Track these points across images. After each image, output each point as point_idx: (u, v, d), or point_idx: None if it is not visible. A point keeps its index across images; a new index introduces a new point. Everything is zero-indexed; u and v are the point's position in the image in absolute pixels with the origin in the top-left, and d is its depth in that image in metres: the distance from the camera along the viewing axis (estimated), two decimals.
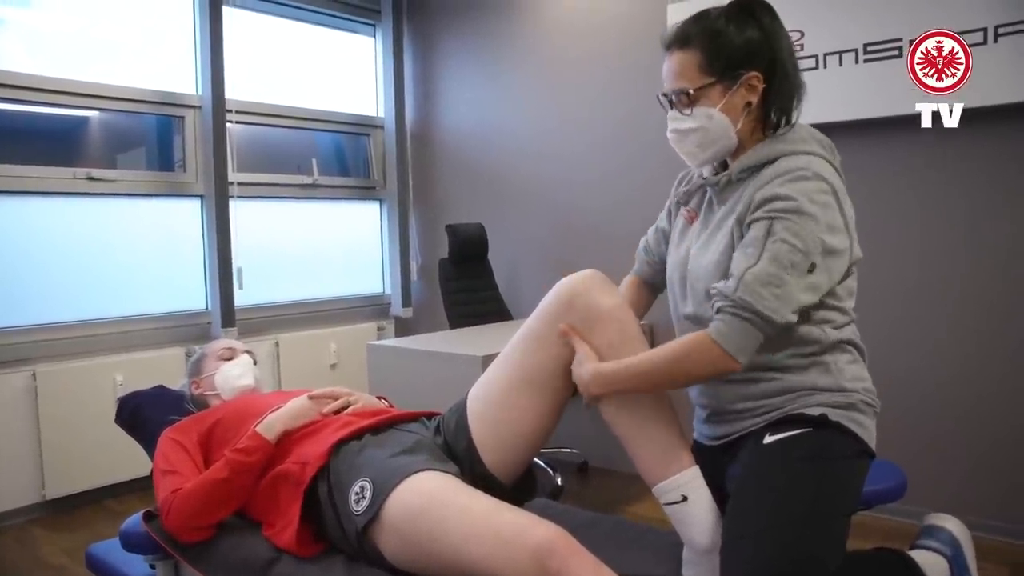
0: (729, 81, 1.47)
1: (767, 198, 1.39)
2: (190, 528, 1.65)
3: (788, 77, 1.48)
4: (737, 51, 1.46)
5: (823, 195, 1.38)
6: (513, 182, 4.25)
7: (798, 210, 1.35)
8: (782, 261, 1.34)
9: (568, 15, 3.96)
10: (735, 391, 1.50)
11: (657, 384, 1.48)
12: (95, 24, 3.70)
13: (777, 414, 1.46)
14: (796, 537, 1.31)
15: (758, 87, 1.47)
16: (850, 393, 1.45)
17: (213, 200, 3.83)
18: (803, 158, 1.43)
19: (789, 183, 1.39)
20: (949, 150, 2.84)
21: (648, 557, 1.62)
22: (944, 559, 1.47)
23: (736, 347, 1.35)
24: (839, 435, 1.42)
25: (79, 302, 3.54)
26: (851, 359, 1.49)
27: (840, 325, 1.47)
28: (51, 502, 3.32)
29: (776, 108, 1.50)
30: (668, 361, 1.42)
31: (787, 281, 1.33)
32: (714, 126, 1.48)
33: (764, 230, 1.37)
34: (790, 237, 1.34)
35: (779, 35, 1.49)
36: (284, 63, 4.48)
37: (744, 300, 1.33)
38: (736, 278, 1.35)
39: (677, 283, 1.61)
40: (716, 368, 1.38)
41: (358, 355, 4.02)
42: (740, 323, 1.34)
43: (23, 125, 3.56)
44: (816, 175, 1.39)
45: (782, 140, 1.48)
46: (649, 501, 3.24)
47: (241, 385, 2.10)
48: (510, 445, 1.63)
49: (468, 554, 1.35)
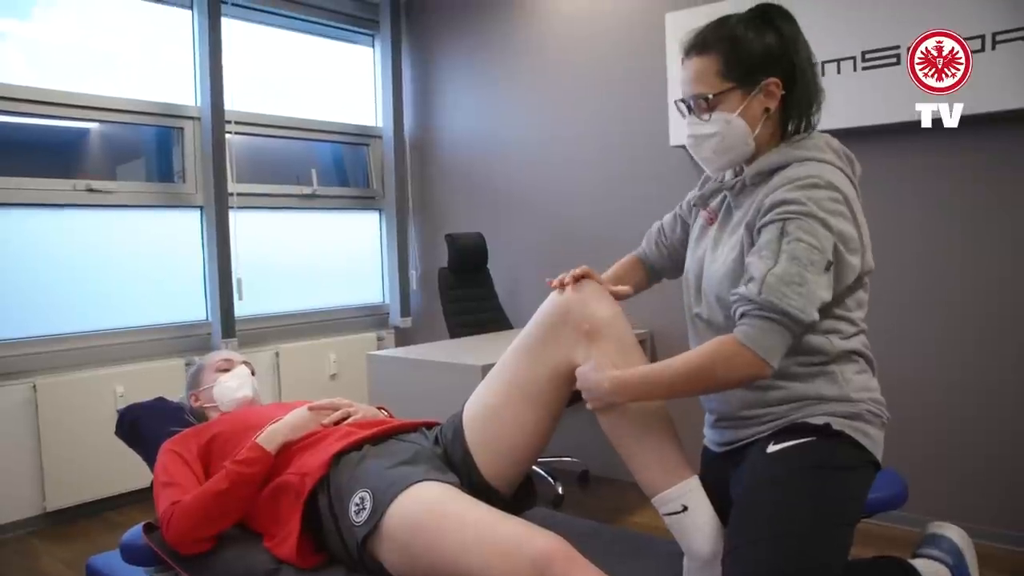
0: (748, 87, 1.46)
1: (776, 202, 1.38)
2: (190, 540, 1.65)
3: (807, 84, 1.48)
4: (756, 57, 1.46)
5: (834, 203, 1.37)
6: (512, 191, 4.25)
7: (809, 214, 1.35)
8: (801, 259, 1.32)
9: (566, 24, 3.98)
10: (742, 397, 1.49)
11: (682, 392, 1.45)
12: (94, 36, 3.71)
13: (783, 422, 1.45)
14: (798, 546, 1.31)
15: (777, 93, 1.47)
16: (856, 403, 1.44)
17: (213, 211, 3.84)
18: (815, 165, 1.42)
19: (799, 189, 1.38)
20: (948, 156, 2.84)
21: (649, 567, 1.63)
22: (946, 567, 1.47)
23: (766, 350, 1.32)
24: (843, 445, 1.41)
25: (79, 314, 3.54)
26: (858, 369, 1.48)
27: (848, 335, 1.46)
28: (51, 514, 3.31)
29: (795, 115, 1.50)
30: (695, 369, 1.39)
31: (808, 279, 1.32)
32: (732, 132, 1.48)
33: (777, 232, 1.36)
34: (805, 236, 1.33)
35: (798, 42, 1.48)
36: (283, 74, 4.50)
37: (769, 301, 1.31)
38: (758, 281, 1.33)
39: (692, 284, 1.61)
40: (747, 374, 1.35)
41: (358, 365, 4.02)
42: (769, 324, 1.32)
43: (23, 137, 3.57)
44: (828, 183, 1.38)
45: (797, 146, 1.47)
46: (650, 510, 3.22)
47: (239, 397, 2.10)
48: (507, 455, 1.63)
49: (468, 564, 1.35)
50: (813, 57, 1.52)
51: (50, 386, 3.31)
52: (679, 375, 1.41)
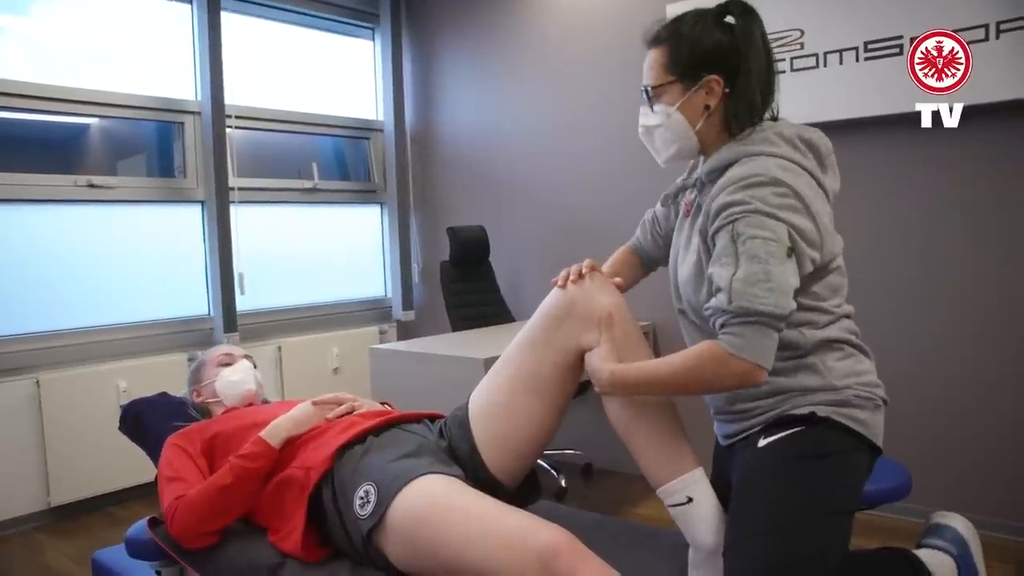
0: (689, 81, 1.48)
1: (722, 206, 1.38)
2: (195, 534, 1.66)
3: (751, 84, 1.46)
4: (701, 54, 1.47)
5: (780, 198, 1.35)
6: (514, 184, 4.25)
7: (756, 211, 1.34)
8: (760, 256, 1.32)
9: (567, 16, 3.96)
10: (727, 393, 1.50)
11: (677, 393, 1.48)
12: (94, 31, 3.70)
13: (772, 415, 1.46)
14: (795, 536, 1.32)
15: (718, 91, 1.47)
16: (841, 390, 1.44)
17: (214, 205, 3.84)
18: (759, 162, 1.41)
19: (741, 190, 1.37)
20: (949, 148, 2.84)
21: (653, 559, 1.62)
22: (951, 558, 1.47)
23: (755, 354, 1.32)
24: (832, 431, 1.42)
25: (81, 309, 3.55)
26: (841, 356, 1.47)
27: (822, 325, 1.45)
28: (56, 509, 3.32)
29: (737, 112, 1.48)
30: (688, 373, 1.39)
31: (773, 272, 1.31)
32: (672, 124, 1.51)
33: (729, 236, 1.36)
34: (757, 231, 1.33)
35: (751, 40, 1.46)
36: (283, 68, 4.49)
37: (742, 307, 1.31)
38: (726, 290, 1.33)
39: (671, 280, 1.62)
40: (742, 381, 1.35)
41: (360, 359, 4.03)
42: (750, 329, 1.32)
43: (24, 133, 3.56)
44: (772, 179, 1.36)
45: (745, 142, 1.46)
46: (653, 502, 3.26)
47: (242, 390, 2.10)
48: (513, 448, 1.63)
49: (473, 557, 1.35)
50: (772, 58, 1.50)
51: (53, 381, 3.31)
52: (672, 377, 1.41)
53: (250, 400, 2.12)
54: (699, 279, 1.47)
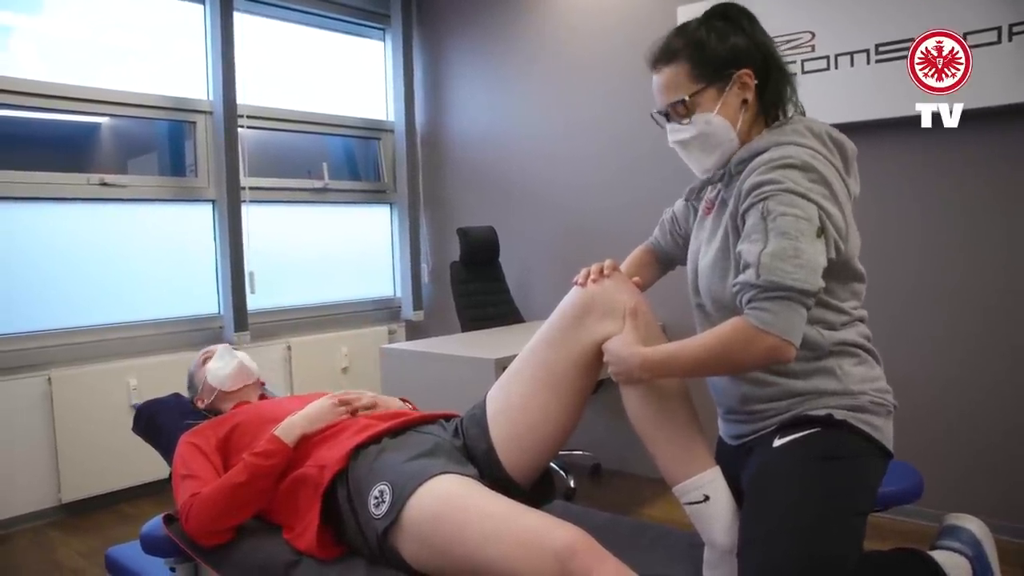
0: (721, 83, 1.48)
1: (754, 185, 1.39)
2: (210, 531, 1.66)
3: (780, 68, 1.51)
4: (724, 52, 1.48)
5: (811, 183, 1.36)
6: (523, 185, 4.25)
7: (787, 189, 1.34)
8: (790, 232, 1.31)
9: (577, 18, 3.97)
10: (741, 392, 1.50)
11: (705, 373, 1.49)
12: (106, 30, 3.72)
13: (787, 416, 1.45)
14: (810, 537, 1.31)
15: (750, 83, 1.48)
16: (857, 395, 1.44)
17: (225, 205, 3.85)
18: (791, 148, 1.42)
19: (773, 170, 1.37)
20: (959, 151, 2.83)
21: (667, 558, 1.63)
22: (966, 559, 1.46)
23: (784, 329, 1.31)
24: (848, 434, 1.41)
25: (93, 307, 3.56)
26: (857, 361, 1.47)
27: (838, 327, 1.45)
28: (67, 505, 3.34)
29: (771, 101, 1.51)
30: (715, 350, 1.38)
31: (803, 249, 1.31)
32: (714, 130, 1.50)
33: (760, 213, 1.36)
34: (788, 208, 1.33)
35: (760, 34, 1.51)
36: (294, 68, 4.50)
37: (771, 281, 1.30)
38: (754, 265, 1.33)
39: (690, 276, 1.62)
40: (770, 356, 1.33)
41: (370, 358, 4.04)
42: (778, 304, 1.31)
43: (36, 132, 3.59)
44: (804, 164, 1.37)
45: (777, 132, 1.48)
46: (663, 503, 3.26)
47: (232, 368, 2.13)
48: (530, 447, 1.63)
49: (489, 557, 1.35)
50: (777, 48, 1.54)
51: (65, 379, 3.33)
52: (704, 353, 1.40)
53: (246, 379, 2.14)
54: (724, 264, 1.47)
